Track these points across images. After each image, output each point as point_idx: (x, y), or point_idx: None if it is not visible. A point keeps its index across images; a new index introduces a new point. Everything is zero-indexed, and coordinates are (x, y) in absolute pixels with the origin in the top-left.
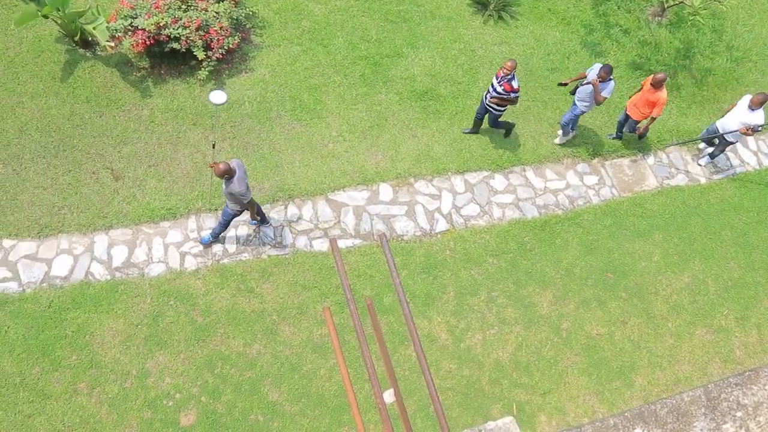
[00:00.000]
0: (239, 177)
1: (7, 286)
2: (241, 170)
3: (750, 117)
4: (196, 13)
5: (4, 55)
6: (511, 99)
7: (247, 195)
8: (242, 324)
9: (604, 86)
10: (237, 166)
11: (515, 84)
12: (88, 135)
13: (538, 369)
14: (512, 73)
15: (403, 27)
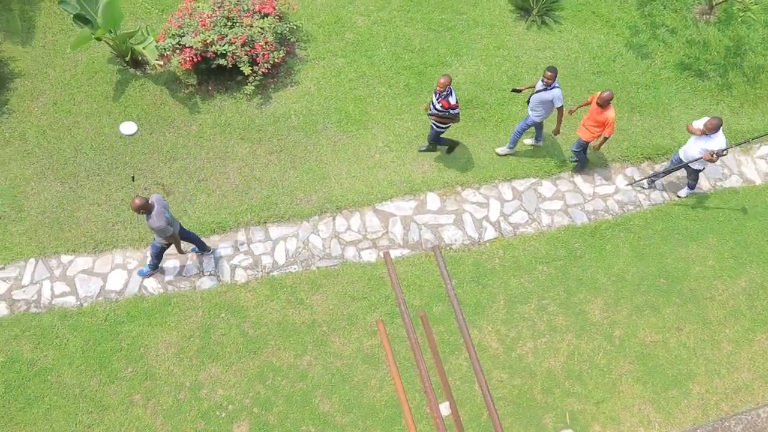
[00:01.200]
0: (157, 212)
1: (66, 300)
2: (160, 205)
3: (710, 143)
4: (241, 29)
5: (61, 78)
6: (451, 116)
7: (166, 230)
8: (293, 335)
9: (549, 93)
10: (156, 201)
11: (452, 100)
12: (139, 152)
13: (591, 377)
14: (448, 89)
15: (446, 36)
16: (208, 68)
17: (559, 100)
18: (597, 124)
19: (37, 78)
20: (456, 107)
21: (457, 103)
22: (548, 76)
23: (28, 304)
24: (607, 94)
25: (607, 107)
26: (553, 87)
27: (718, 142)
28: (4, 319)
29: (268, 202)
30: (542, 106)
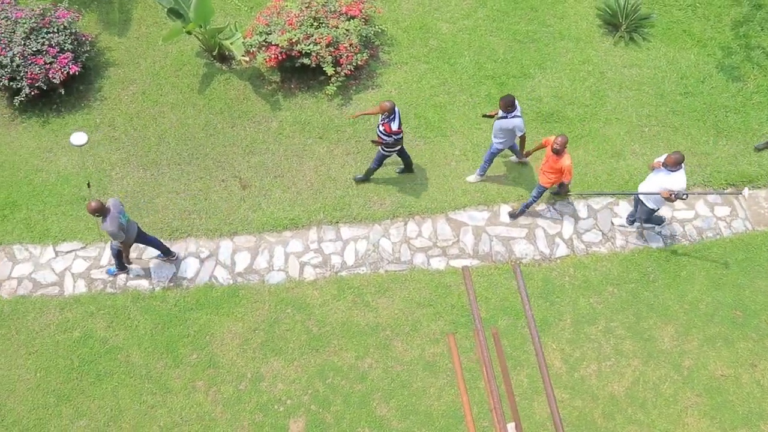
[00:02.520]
0: (111, 216)
1: (140, 283)
2: (116, 210)
3: (669, 180)
4: (327, 30)
5: (151, 68)
6: (389, 143)
7: (118, 235)
8: (356, 337)
9: (509, 122)
10: (112, 205)
11: (394, 126)
12: (219, 144)
13: (655, 406)
14: (392, 115)
15: (531, 47)
16: (292, 67)
17: (520, 130)
18: (553, 171)
19: (129, 68)
20: (398, 133)
21: (400, 129)
22: (500, 106)
23: (104, 284)
24: (560, 140)
25: (562, 154)
26: (514, 116)
27: (677, 180)
28: (82, 296)
29: (341, 202)
30: (503, 134)
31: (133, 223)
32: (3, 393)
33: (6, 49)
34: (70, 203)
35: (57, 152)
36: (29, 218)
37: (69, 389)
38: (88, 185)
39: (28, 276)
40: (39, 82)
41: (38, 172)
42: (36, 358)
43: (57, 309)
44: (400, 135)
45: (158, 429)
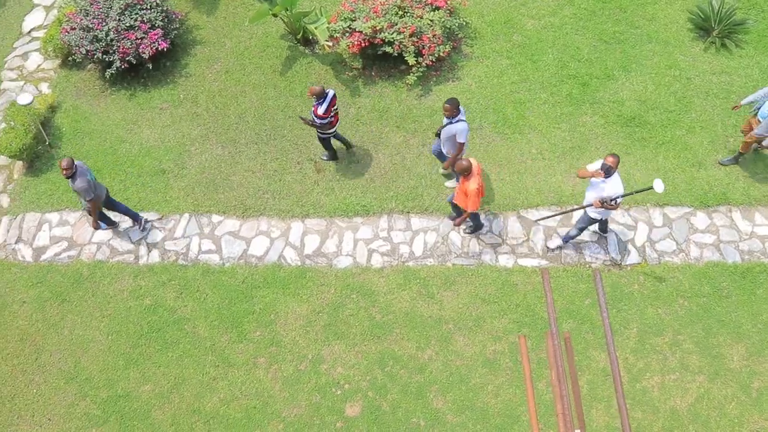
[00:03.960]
0: (81, 173)
1: (211, 257)
2: (82, 169)
3: (613, 186)
4: (411, 20)
5: (236, 48)
6: (316, 124)
7: (89, 192)
8: (418, 328)
9: (453, 127)
10: (79, 165)
11: (320, 110)
12: (297, 127)
13: (718, 426)
14: (321, 99)
15: (617, 48)
16: (374, 54)
17: (461, 136)
18: (461, 193)
19: (215, 46)
20: (323, 117)
21: (325, 114)
22: (445, 108)
23: (177, 255)
24: (460, 165)
25: (467, 177)
26: (458, 120)
27: (613, 186)
28: (155, 265)
29: (414, 192)
30: (449, 141)
31: (101, 186)
32: (78, 351)
33: (102, 24)
34: (150, 175)
35: (141, 125)
36: (111, 187)
37: (137, 354)
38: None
39: (107, 242)
40: (129, 57)
41: (122, 143)
42: (108, 322)
43: (131, 276)
44: (326, 120)
45: (218, 400)
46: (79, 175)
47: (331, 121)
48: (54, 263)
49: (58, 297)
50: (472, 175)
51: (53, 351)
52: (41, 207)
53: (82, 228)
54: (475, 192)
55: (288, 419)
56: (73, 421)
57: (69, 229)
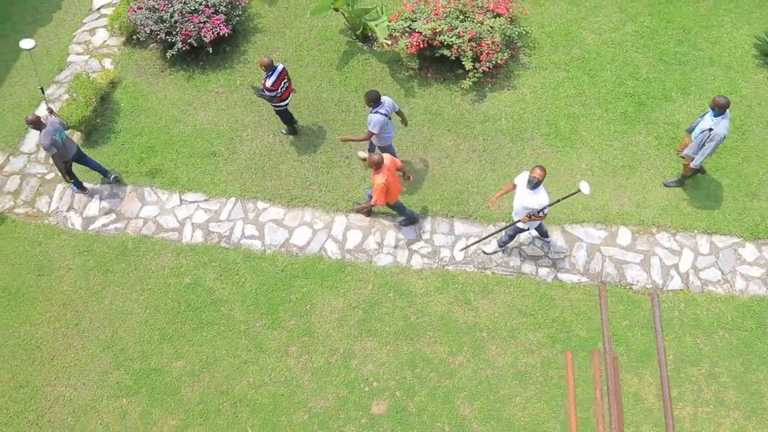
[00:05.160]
0: (46, 131)
1: (253, 243)
2: (52, 127)
3: (531, 199)
4: (471, 25)
5: (295, 39)
6: (264, 96)
7: (49, 149)
8: (452, 332)
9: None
10: (50, 123)
11: (268, 82)
12: (349, 122)
13: None
14: (270, 72)
15: (677, 69)
16: (432, 56)
17: (371, 125)
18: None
19: (274, 36)
20: (271, 90)
21: (273, 87)
22: (365, 100)
23: (220, 237)
24: (371, 159)
25: (377, 171)
26: (375, 111)
27: (538, 199)
28: (198, 245)
29: (459, 197)
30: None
31: (72, 144)
32: (116, 321)
33: (168, 6)
34: (201, 156)
35: (197, 107)
36: (162, 165)
37: (172, 330)
38: (42, 90)
39: (153, 218)
40: (191, 39)
41: (177, 123)
42: (148, 296)
43: (173, 254)
44: (274, 92)
45: (247, 384)
46: (43, 133)
47: (280, 94)
48: (101, 234)
49: (102, 267)
50: (381, 171)
51: (93, 318)
52: (94, 178)
53: (131, 202)
54: (380, 186)
55: (314, 410)
56: (106, 389)
57: (118, 201)
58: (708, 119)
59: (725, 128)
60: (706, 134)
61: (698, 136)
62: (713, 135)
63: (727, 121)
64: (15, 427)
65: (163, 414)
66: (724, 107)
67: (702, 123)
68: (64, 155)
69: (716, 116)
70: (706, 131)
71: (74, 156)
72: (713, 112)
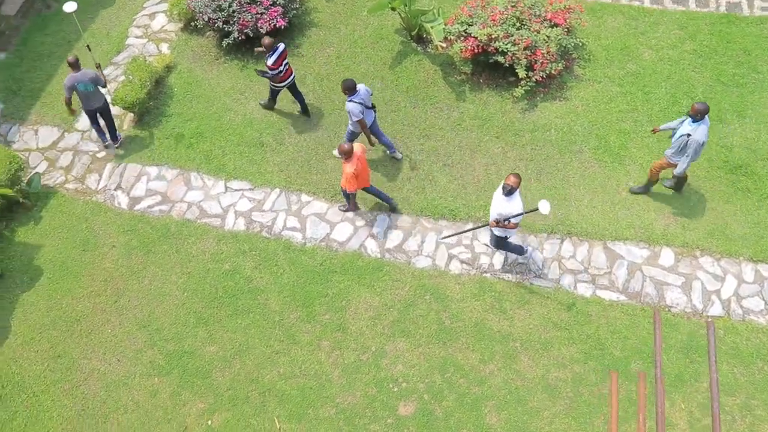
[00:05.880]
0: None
1: (294, 235)
2: (84, 76)
3: (505, 205)
4: (528, 33)
5: (350, 36)
6: (267, 75)
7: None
8: (485, 340)
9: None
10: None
11: (269, 61)
12: (398, 122)
13: None
14: (271, 52)
15: (734, 91)
16: (485, 62)
17: (352, 115)
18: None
19: (330, 31)
20: (272, 69)
21: (274, 66)
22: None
23: (262, 227)
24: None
25: (346, 160)
26: (349, 100)
27: (512, 206)
28: (239, 233)
29: None
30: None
31: (98, 100)
32: (154, 302)
33: None
34: (249, 145)
35: (248, 96)
36: (210, 151)
37: (208, 315)
38: (88, 47)
39: (197, 203)
40: (247, 29)
41: (227, 111)
42: (187, 279)
43: (214, 240)
44: (275, 71)
45: (277, 374)
46: (71, 76)
47: (281, 74)
48: (146, 214)
49: (145, 247)
50: (351, 160)
51: (132, 297)
52: (143, 159)
53: (177, 186)
54: (350, 175)
55: (341, 405)
56: (139, 367)
57: (165, 184)
58: (686, 125)
59: (703, 134)
60: (684, 139)
61: (677, 140)
62: (691, 141)
63: (706, 128)
64: (51, 395)
65: (193, 396)
66: (703, 113)
67: (681, 128)
68: (86, 105)
69: (695, 122)
70: (684, 136)
71: (99, 110)
72: (692, 118)
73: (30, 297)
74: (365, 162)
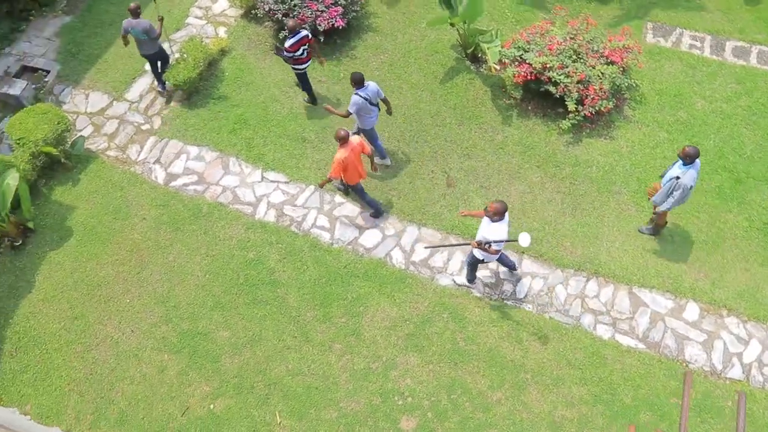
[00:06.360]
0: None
1: (322, 234)
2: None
3: (489, 229)
4: (583, 67)
5: (405, 45)
6: (283, 56)
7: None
8: (496, 367)
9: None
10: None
11: (287, 43)
12: (442, 137)
13: None
14: (292, 35)
15: None
16: (536, 89)
17: (350, 105)
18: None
19: (386, 37)
20: (290, 51)
21: (291, 48)
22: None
23: (291, 221)
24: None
25: (339, 146)
26: (355, 93)
27: (496, 231)
28: (268, 224)
29: (535, 236)
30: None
31: (149, 47)
32: (175, 279)
33: None
34: (291, 139)
35: (297, 90)
36: (252, 139)
37: (226, 300)
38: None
39: (232, 188)
40: (305, 25)
41: (274, 102)
42: (210, 262)
43: (243, 227)
44: (292, 53)
45: (285, 369)
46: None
47: (297, 58)
48: (180, 192)
49: (174, 224)
50: (344, 147)
51: (154, 271)
52: (185, 137)
53: (215, 168)
54: (338, 160)
55: (344, 410)
56: (151, 341)
57: (203, 165)
58: (677, 168)
59: (692, 178)
60: (673, 182)
61: (666, 183)
62: (679, 184)
63: (695, 172)
64: (63, 354)
65: (199, 378)
66: (693, 157)
67: (671, 171)
68: (139, 49)
69: (684, 165)
70: (673, 179)
71: (152, 57)
72: (682, 161)
73: (57, 256)
74: (359, 158)
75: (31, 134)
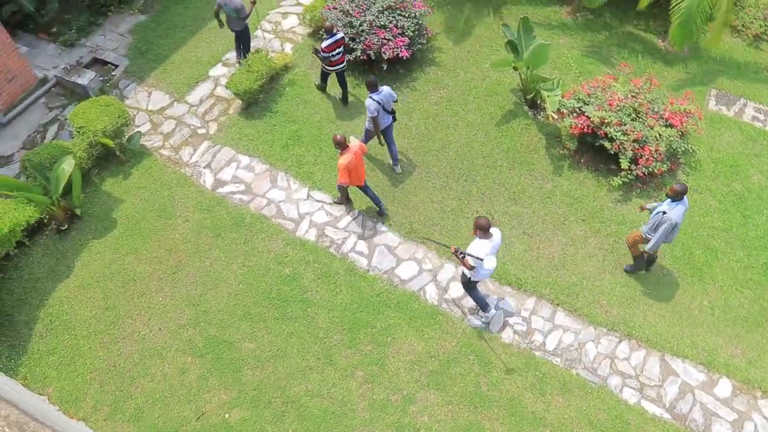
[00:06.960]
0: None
1: (359, 259)
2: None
3: (473, 244)
4: (641, 126)
5: (466, 83)
6: (319, 55)
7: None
8: (516, 417)
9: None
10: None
11: (323, 44)
12: (491, 178)
13: None
14: (328, 36)
15: None
16: (591, 143)
17: (369, 111)
18: None
19: (448, 73)
20: (326, 51)
21: (326, 49)
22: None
23: (331, 243)
24: (334, 138)
25: (341, 153)
26: (369, 97)
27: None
28: (308, 243)
29: (571, 289)
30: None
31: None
32: (209, 284)
33: (361, 14)
34: None
35: (353, 114)
36: (303, 157)
37: (256, 312)
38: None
39: (277, 202)
40: (371, 51)
41: (330, 123)
42: (246, 272)
43: (283, 242)
44: (327, 54)
45: (305, 389)
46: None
47: (331, 59)
48: (226, 199)
49: (215, 230)
50: (345, 153)
51: (189, 273)
52: (238, 146)
53: (263, 180)
54: (341, 166)
55: None
56: (177, 342)
57: (252, 175)
58: (665, 204)
59: (678, 215)
60: (659, 216)
61: (654, 217)
62: (665, 218)
63: (683, 208)
64: (90, 342)
65: (219, 385)
66: (681, 194)
67: (659, 206)
68: (228, 24)
69: (673, 202)
70: (660, 213)
71: (237, 34)
72: (671, 199)
73: (99, 245)
74: (361, 159)
75: (91, 124)
